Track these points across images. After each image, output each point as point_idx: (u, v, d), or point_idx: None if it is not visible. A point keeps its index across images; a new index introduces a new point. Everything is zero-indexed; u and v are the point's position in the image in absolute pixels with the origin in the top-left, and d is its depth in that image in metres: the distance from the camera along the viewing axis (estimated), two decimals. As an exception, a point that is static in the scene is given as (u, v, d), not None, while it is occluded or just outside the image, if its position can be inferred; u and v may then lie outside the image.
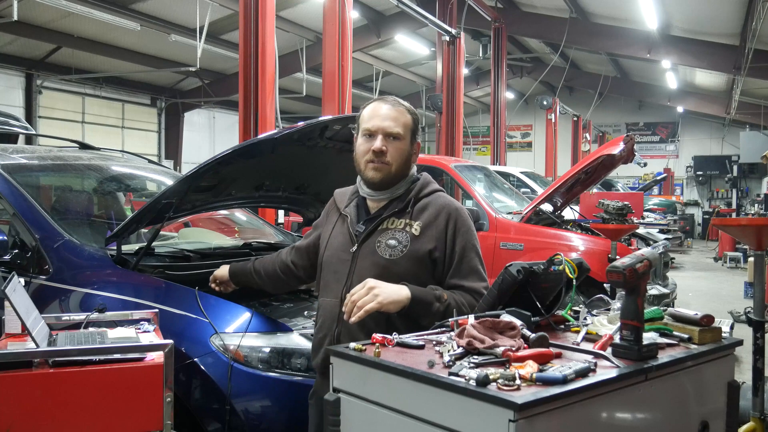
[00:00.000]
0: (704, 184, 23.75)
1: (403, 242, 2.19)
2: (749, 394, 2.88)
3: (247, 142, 3.14)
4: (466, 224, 2.24)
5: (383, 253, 2.19)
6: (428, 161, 7.82)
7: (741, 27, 12.34)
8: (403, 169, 2.29)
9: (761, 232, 2.90)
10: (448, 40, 11.50)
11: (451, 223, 2.22)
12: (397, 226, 2.23)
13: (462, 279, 2.19)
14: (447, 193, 2.43)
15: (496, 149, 14.14)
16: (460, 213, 2.25)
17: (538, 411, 1.44)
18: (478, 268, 2.22)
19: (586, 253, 5.95)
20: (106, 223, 3.91)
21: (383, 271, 2.16)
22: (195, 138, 20.13)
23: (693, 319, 2.01)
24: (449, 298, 2.13)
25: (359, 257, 2.23)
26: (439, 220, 2.22)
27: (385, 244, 2.20)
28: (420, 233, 2.20)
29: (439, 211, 2.23)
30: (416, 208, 2.25)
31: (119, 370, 2.15)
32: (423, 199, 2.27)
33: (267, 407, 2.64)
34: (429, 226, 2.21)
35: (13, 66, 15.20)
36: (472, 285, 2.19)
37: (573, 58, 18.05)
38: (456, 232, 2.21)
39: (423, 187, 2.31)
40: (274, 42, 6.45)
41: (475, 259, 2.23)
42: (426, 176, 2.39)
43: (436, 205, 2.25)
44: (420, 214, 2.24)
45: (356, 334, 2.13)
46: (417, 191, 2.28)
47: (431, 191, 2.31)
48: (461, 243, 2.21)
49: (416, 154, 2.35)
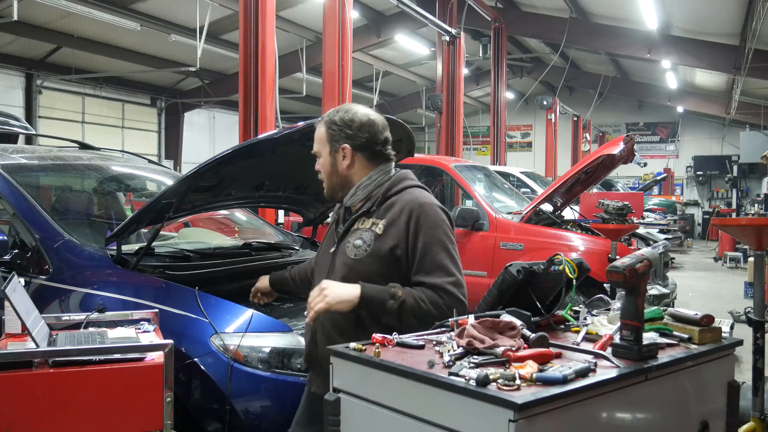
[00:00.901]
0: (704, 184, 23.74)
1: (367, 241, 2.20)
2: (749, 394, 2.87)
3: (247, 142, 3.15)
4: (430, 220, 2.19)
5: (350, 253, 2.22)
6: (428, 161, 7.83)
7: (741, 27, 12.33)
8: (335, 179, 2.31)
9: (761, 232, 2.90)
10: (448, 40, 11.50)
11: (413, 220, 2.17)
12: (364, 226, 2.24)
13: (425, 275, 2.15)
14: (447, 193, 2.43)
15: (496, 149, 14.13)
16: (423, 209, 2.19)
17: (538, 411, 1.44)
18: (443, 263, 2.16)
19: (586, 253, 5.94)
20: (106, 223, 3.92)
21: (350, 270, 2.20)
22: (195, 138, 20.12)
23: (693, 319, 2.01)
24: (405, 295, 2.11)
25: (336, 257, 2.28)
26: (401, 218, 2.18)
27: (352, 244, 2.23)
28: (383, 231, 2.19)
29: (403, 208, 2.20)
30: (383, 207, 2.24)
31: (119, 370, 2.16)
32: (392, 198, 2.25)
33: (267, 407, 2.64)
34: (392, 223, 2.19)
35: (13, 66, 15.19)
36: (435, 281, 2.13)
37: (573, 58, 18.05)
38: (418, 228, 2.16)
39: (392, 186, 2.28)
40: (274, 42, 6.45)
41: (440, 254, 2.16)
42: (399, 174, 2.33)
43: (401, 203, 2.22)
44: (386, 212, 2.23)
45: (329, 331, 2.22)
46: (385, 190, 2.27)
47: (402, 188, 2.27)
48: (424, 239, 2.16)
49: (345, 158, 2.27)
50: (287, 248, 3.84)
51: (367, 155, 2.29)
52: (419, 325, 2.08)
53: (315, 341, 2.27)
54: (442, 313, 2.09)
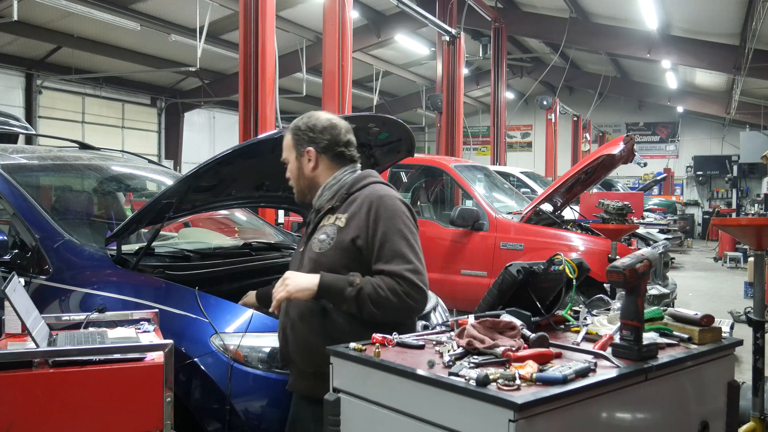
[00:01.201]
0: (704, 184, 23.74)
1: (330, 235, 2.29)
2: (749, 394, 2.87)
3: (247, 142, 3.14)
4: (389, 210, 2.25)
5: (315, 248, 2.32)
6: (428, 161, 7.83)
7: (741, 27, 12.33)
8: (303, 182, 2.42)
9: (761, 232, 2.90)
10: (448, 40, 11.50)
11: (372, 211, 2.25)
12: (329, 222, 2.34)
13: (384, 263, 2.20)
14: (447, 193, 2.46)
15: (496, 149, 14.13)
16: (383, 200, 2.27)
17: (538, 411, 1.44)
18: (402, 251, 2.20)
19: (586, 253, 5.94)
20: (106, 223, 3.91)
21: (315, 264, 2.28)
22: (195, 138, 20.12)
23: (693, 319, 2.01)
24: (363, 283, 2.17)
25: (305, 254, 2.39)
26: (362, 210, 2.27)
27: (318, 239, 2.32)
28: (345, 224, 2.28)
29: (363, 201, 2.29)
30: (346, 203, 2.34)
31: (119, 370, 2.15)
32: (354, 194, 2.34)
33: (267, 407, 2.64)
34: (353, 216, 2.28)
35: (13, 66, 15.19)
36: (394, 269, 2.18)
37: (573, 58, 18.04)
38: (377, 218, 2.24)
39: (354, 183, 2.37)
40: (274, 42, 6.45)
41: (399, 242, 2.22)
42: (362, 173, 2.43)
43: (362, 197, 2.31)
44: (348, 207, 2.32)
45: (297, 325, 2.30)
46: (348, 187, 2.37)
47: (364, 185, 2.36)
48: (383, 228, 2.23)
49: (310, 161, 2.39)
50: (287, 248, 3.84)
51: (331, 156, 2.40)
52: (379, 313, 2.15)
53: (286, 338, 2.36)
54: (400, 300, 2.14)
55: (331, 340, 2.10)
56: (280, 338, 2.41)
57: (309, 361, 2.27)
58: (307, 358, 2.29)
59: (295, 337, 2.32)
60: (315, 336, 2.26)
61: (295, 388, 2.39)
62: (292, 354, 2.34)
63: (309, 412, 2.29)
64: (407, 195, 8.11)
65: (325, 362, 1.96)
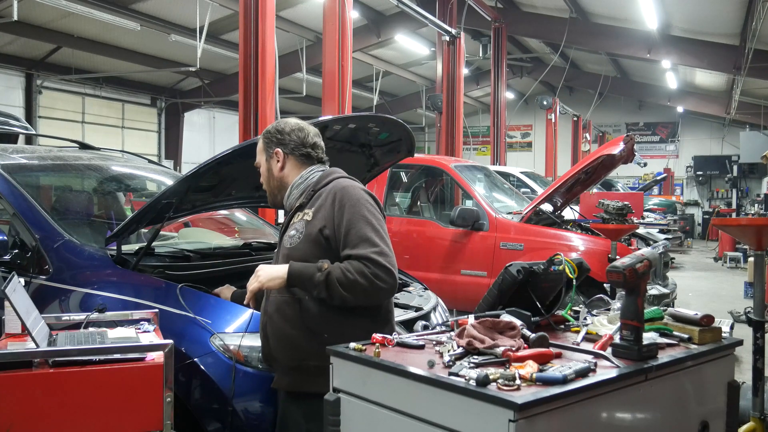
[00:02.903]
0: (704, 184, 23.73)
1: (299, 230, 2.38)
2: (749, 394, 2.87)
3: (247, 142, 3.14)
4: (352, 198, 2.34)
5: (286, 243, 2.42)
6: (428, 161, 7.83)
7: (741, 27, 12.33)
8: (273, 183, 2.53)
9: (761, 232, 2.90)
10: (448, 40, 11.49)
11: (337, 201, 2.34)
12: (298, 219, 2.43)
13: (351, 249, 2.27)
14: (447, 193, 2.47)
15: (496, 149, 14.13)
16: (346, 190, 2.37)
17: (538, 411, 1.45)
18: (368, 235, 2.27)
19: (586, 253, 5.94)
20: (106, 223, 3.91)
21: (287, 259, 2.36)
22: (195, 138, 20.11)
23: (693, 319, 2.01)
24: (331, 268, 2.23)
25: (279, 251, 2.49)
26: (326, 202, 2.36)
27: (288, 235, 2.42)
28: (312, 217, 2.37)
29: (328, 194, 2.37)
30: (312, 199, 2.43)
31: (119, 370, 2.15)
32: (320, 190, 2.43)
33: (267, 407, 2.64)
34: (319, 209, 2.37)
35: (13, 66, 15.19)
36: (360, 252, 2.24)
37: (573, 58, 18.04)
38: (342, 207, 2.32)
39: (320, 180, 2.46)
40: (274, 42, 6.45)
41: (364, 227, 2.29)
42: (328, 170, 2.52)
43: (327, 190, 2.40)
44: (315, 202, 2.41)
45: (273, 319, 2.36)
46: (313, 185, 2.45)
47: (329, 180, 2.44)
48: (347, 216, 2.30)
49: (279, 161, 2.50)
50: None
51: (298, 157, 2.51)
52: (349, 296, 2.19)
53: (266, 336, 2.41)
54: (369, 282, 2.19)
55: (308, 332, 2.21)
56: (262, 337, 2.45)
57: (290, 356, 2.32)
58: (287, 353, 2.33)
59: (274, 333, 2.36)
60: (292, 329, 2.30)
61: (279, 386, 2.42)
62: (273, 351, 2.38)
63: (297, 408, 2.32)
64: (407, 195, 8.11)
65: (306, 356, 2.01)
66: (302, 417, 2.28)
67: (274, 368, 2.44)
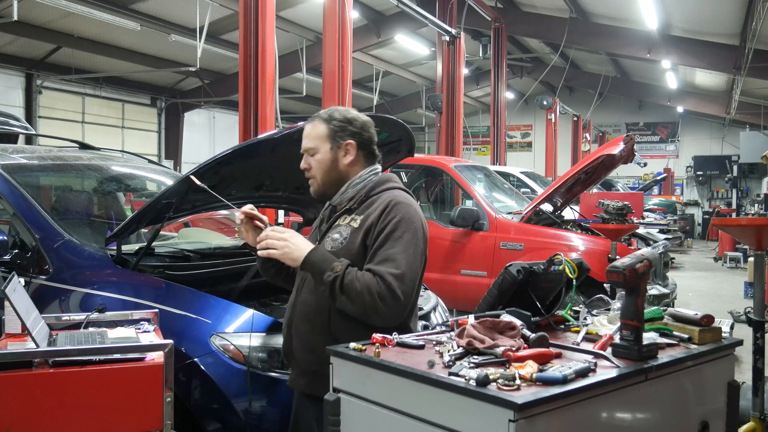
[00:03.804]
0: (704, 184, 23.73)
1: (344, 235, 2.28)
2: (749, 394, 2.87)
3: (247, 142, 3.15)
4: (399, 215, 2.22)
5: (327, 246, 2.29)
6: (428, 161, 7.83)
7: (741, 27, 12.33)
8: (332, 175, 2.34)
9: (761, 232, 2.90)
10: (448, 40, 11.49)
11: (384, 213, 2.23)
12: (344, 222, 2.32)
13: (374, 264, 2.17)
14: (447, 193, 2.46)
15: (496, 149, 14.12)
16: (399, 206, 2.24)
17: (538, 411, 1.44)
18: (395, 257, 2.16)
19: (586, 253, 5.94)
20: (106, 223, 3.91)
21: None
22: (195, 138, 20.11)
23: (693, 319, 2.01)
24: (344, 271, 2.14)
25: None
26: (375, 213, 2.25)
27: (331, 238, 2.31)
28: (359, 225, 2.27)
29: (380, 204, 2.27)
30: (363, 205, 2.31)
31: (119, 370, 2.15)
32: (373, 197, 2.31)
33: (267, 407, 2.64)
34: (367, 218, 2.26)
35: (13, 66, 15.18)
36: (378, 268, 2.14)
37: (573, 58, 18.04)
38: (387, 222, 2.21)
39: (376, 186, 2.34)
40: (274, 42, 6.45)
41: (394, 248, 2.18)
42: (382, 176, 2.39)
43: (379, 200, 2.29)
44: (365, 209, 2.30)
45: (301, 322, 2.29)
46: (367, 190, 2.33)
47: (385, 189, 2.33)
48: (387, 231, 2.21)
49: (348, 154, 2.32)
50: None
51: (365, 154, 2.37)
52: (349, 306, 2.12)
53: (290, 334, 2.33)
54: (371, 299, 2.09)
55: (334, 341, 2.07)
56: (285, 333, 2.38)
57: (311, 360, 2.25)
58: (309, 357, 2.27)
59: (299, 334, 2.30)
60: (318, 335, 2.24)
61: (295, 385, 2.37)
62: (295, 351, 2.32)
63: (311, 410, 2.27)
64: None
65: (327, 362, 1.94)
66: (314, 420, 2.24)
67: (291, 366, 2.38)
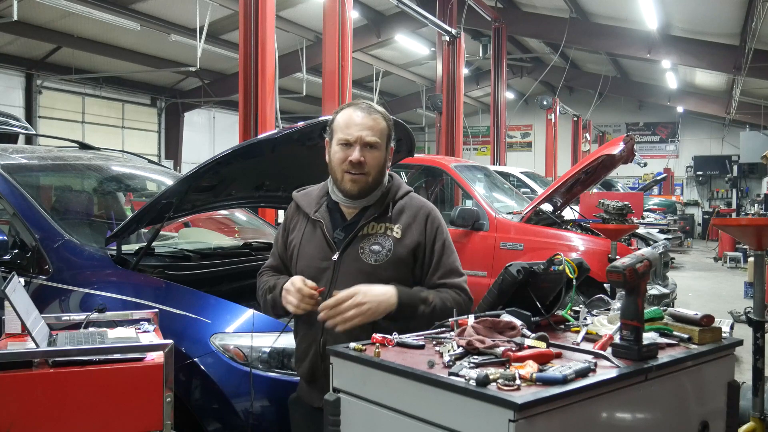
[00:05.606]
0: (704, 184, 23.74)
1: (386, 246, 2.17)
2: (749, 394, 2.87)
3: (247, 142, 3.15)
4: (441, 224, 2.28)
5: (368, 259, 2.15)
6: (428, 161, 7.82)
7: (741, 27, 12.33)
8: (379, 178, 2.22)
9: (761, 232, 2.90)
10: (448, 40, 11.49)
11: (429, 224, 2.24)
12: (378, 231, 2.20)
13: (444, 277, 2.22)
14: (447, 193, 2.46)
15: (496, 149, 14.13)
16: (435, 214, 2.29)
17: (538, 411, 1.44)
18: (456, 265, 2.26)
19: (586, 253, 5.94)
20: (106, 223, 3.91)
21: (369, 277, 2.11)
22: (195, 138, 20.11)
23: (693, 319, 2.01)
24: (434, 300, 2.14)
25: (342, 265, 2.16)
26: (418, 222, 2.23)
27: (369, 249, 2.16)
28: (402, 236, 2.19)
29: (417, 212, 2.24)
30: (394, 212, 2.23)
31: (119, 370, 2.15)
32: (399, 202, 2.26)
33: (267, 407, 2.64)
34: (409, 227, 2.21)
35: (13, 66, 15.19)
36: (454, 281, 2.22)
37: (573, 58, 18.04)
38: (436, 232, 2.24)
39: (397, 190, 2.28)
40: (274, 42, 6.45)
41: (452, 255, 2.27)
42: (397, 178, 2.35)
43: (413, 207, 2.26)
44: (399, 216, 2.23)
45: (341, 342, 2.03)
46: (393, 194, 2.26)
47: (404, 193, 2.30)
48: (440, 242, 2.24)
49: (390, 160, 2.27)
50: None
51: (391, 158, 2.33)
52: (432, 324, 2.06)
53: (322, 354, 2.12)
54: (460, 310, 2.12)
55: None
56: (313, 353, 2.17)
57: None
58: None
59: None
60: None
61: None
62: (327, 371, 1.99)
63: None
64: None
65: None
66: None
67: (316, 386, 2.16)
